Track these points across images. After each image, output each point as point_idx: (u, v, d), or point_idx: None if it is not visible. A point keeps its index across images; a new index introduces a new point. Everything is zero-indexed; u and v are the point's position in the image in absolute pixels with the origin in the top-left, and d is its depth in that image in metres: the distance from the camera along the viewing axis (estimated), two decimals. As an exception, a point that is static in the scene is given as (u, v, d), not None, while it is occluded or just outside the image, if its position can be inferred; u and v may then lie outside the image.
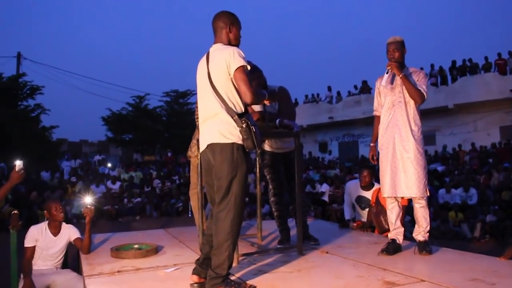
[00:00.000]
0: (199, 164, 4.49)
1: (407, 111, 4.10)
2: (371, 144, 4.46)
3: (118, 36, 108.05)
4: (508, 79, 20.12)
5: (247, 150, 3.05)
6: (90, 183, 14.68)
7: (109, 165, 19.22)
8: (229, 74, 3.00)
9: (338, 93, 26.91)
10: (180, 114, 27.45)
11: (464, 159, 17.33)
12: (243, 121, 2.98)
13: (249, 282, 3.17)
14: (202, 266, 3.13)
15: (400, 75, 4.06)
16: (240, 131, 2.98)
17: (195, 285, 3.12)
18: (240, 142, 3.00)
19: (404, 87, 4.09)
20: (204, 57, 3.19)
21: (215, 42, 3.21)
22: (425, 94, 4.08)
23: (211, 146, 3.06)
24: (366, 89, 25.27)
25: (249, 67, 3.04)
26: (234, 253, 3.32)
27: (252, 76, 4.27)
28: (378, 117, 4.34)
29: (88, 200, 4.74)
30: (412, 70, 4.21)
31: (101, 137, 29.07)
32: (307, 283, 3.25)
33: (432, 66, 21.58)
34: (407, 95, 4.09)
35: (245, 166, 3.03)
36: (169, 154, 23.46)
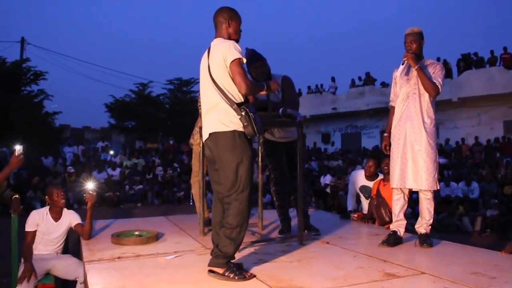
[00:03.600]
0: (201, 153, 4.50)
1: (420, 103, 4.06)
2: (385, 134, 4.41)
3: (123, 23, 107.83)
4: (513, 73, 20.01)
5: (249, 137, 3.15)
6: (92, 170, 14.71)
7: (112, 152, 19.23)
8: (226, 67, 3.11)
9: (353, 81, 26.62)
10: (183, 102, 27.37)
11: (466, 153, 17.30)
12: (242, 109, 3.09)
13: (249, 270, 3.18)
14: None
15: (415, 67, 4.03)
16: (240, 118, 3.09)
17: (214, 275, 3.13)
18: (241, 129, 3.11)
19: (419, 79, 4.06)
20: (206, 51, 3.31)
21: (216, 37, 3.33)
22: (439, 87, 4.04)
23: (213, 135, 3.16)
24: (370, 80, 25.18)
25: (244, 60, 3.14)
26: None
27: (256, 64, 4.28)
28: (394, 107, 4.30)
29: (90, 186, 4.74)
30: (429, 62, 4.18)
31: (104, 124, 29.07)
32: (307, 273, 3.24)
33: (438, 59, 21.46)
34: (422, 87, 4.05)
35: (250, 152, 3.13)
36: (171, 142, 23.46)
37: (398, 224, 4.19)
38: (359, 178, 5.93)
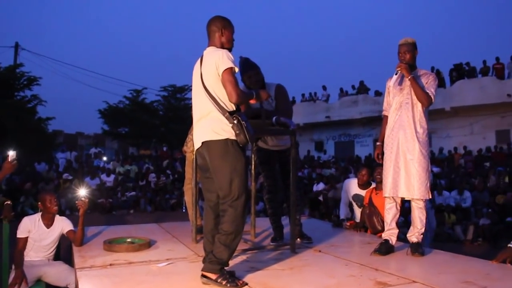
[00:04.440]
0: (194, 160, 4.51)
1: (413, 112, 4.10)
2: (378, 143, 4.44)
3: (117, 29, 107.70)
4: (506, 83, 20.17)
5: (241, 145, 3.17)
6: (85, 176, 14.65)
7: (105, 158, 19.19)
8: (219, 75, 3.14)
9: (342, 89, 26.77)
10: (177, 109, 27.39)
11: (459, 162, 17.37)
12: (234, 118, 3.11)
13: (242, 278, 3.18)
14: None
15: (409, 77, 4.06)
16: (232, 127, 3.11)
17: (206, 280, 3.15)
18: (233, 137, 3.13)
19: (412, 89, 4.09)
20: (199, 60, 3.34)
21: (208, 45, 3.36)
22: (432, 97, 4.08)
23: (206, 144, 3.18)
24: (364, 89, 25.27)
25: (237, 69, 3.17)
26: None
27: (250, 73, 4.29)
28: (387, 117, 4.33)
29: (82, 192, 4.73)
30: (422, 73, 4.22)
31: (97, 130, 28.98)
32: (299, 281, 3.25)
33: (432, 68, 21.57)
34: (414, 96, 4.09)
35: (243, 159, 3.16)
36: (165, 149, 23.43)
37: (390, 233, 4.20)
38: (352, 186, 5.94)
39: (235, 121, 3.10)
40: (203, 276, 3.11)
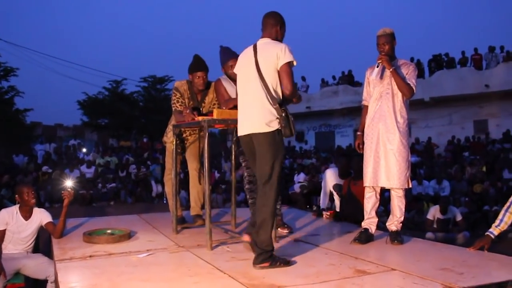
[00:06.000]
0: (174, 150, 4.50)
1: (394, 102, 4.11)
2: (358, 133, 4.44)
3: (96, 19, 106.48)
4: (484, 74, 20.40)
5: (285, 137, 3.36)
6: (64, 168, 14.50)
7: (84, 150, 19.02)
8: (277, 66, 3.32)
9: (323, 80, 26.91)
10: (157, 99, 27.13)
11: (434, 152, 17.56)
12: (283, 110, 3.30)
13: (222, 268, 3.21)
14: (255, 226, 3.36)
15: (390, 69, 4.07)
16: (279, 119, 3.28)
17: (249, 242, 3.42)
18: (279, 128, 3.29)
19: (394, 80, 4.11)
20: (251, 48, 3.50)
21: (262, 36, 3.53)
22: (414, 88, 4.10)
23: (255, 135, 3.36)
24: (346, 80, 25.33)
25: (295, 63, 3.35)
26: (209, 239, 3.73)
27: (231, 62, 4.29)
28: (367, 107, 4.34)
29: (69, 183, 4.71)
30: (402, 63, 4.23)
31: (77, 121, 28.64)
32: (279, 270, 3.25)
33: (412, 59, 21.71)
34: (395, 87, 4.10)
35: (284, 149, 3.40)
36: (145, 140, 23.29)
37: (370, 222, 4.24)
38: (333, 176, 5.97)
39: (283, 114, 3.28)
40: (260, 268, 3.26)
